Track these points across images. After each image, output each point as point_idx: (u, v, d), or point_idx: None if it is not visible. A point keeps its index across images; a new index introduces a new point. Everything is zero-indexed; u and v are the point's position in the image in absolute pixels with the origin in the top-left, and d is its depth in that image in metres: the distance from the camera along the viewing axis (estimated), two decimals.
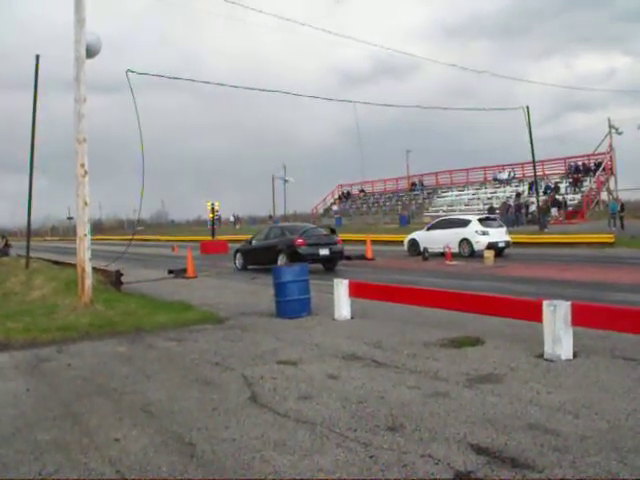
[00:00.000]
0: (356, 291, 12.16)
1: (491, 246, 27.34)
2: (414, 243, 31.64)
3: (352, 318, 12.15)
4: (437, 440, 5.53)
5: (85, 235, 14.35)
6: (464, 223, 29.90)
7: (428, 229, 31.98)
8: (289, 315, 12.53)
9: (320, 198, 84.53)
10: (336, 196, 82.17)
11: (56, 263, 25.28)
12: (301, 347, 9.91)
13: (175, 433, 6.11)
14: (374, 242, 33.27)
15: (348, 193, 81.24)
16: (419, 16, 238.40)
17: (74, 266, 18.09)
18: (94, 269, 15.43)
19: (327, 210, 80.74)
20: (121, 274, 18.58)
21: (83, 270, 14.25)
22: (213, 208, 51.14)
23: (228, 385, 7.81)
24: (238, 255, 27.28)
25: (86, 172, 14.29)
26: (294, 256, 22.66)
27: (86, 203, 14.36)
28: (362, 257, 29.67)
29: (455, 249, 28.54)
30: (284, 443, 5.64)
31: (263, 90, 28.16)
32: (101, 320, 12.76)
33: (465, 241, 28.85)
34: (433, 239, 30.02)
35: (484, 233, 28.51)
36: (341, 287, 12.13)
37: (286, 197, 78.27)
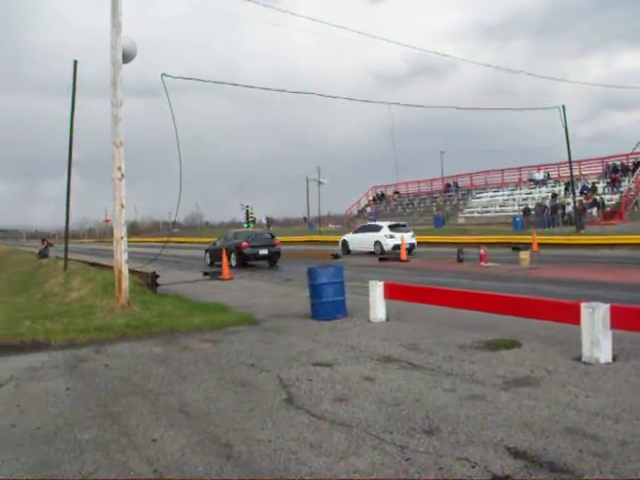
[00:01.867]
0: (391, 293, 12.13)
1: (396, 247, 33.29)
2: (344, 243, 38.71)
3: (387, 320, 12.12)
4: (474, 443, 5.49)
5: (122, 237, 14.53)
6: (377, 229, 36.45)
7: (354, 232, 39.48)
8: (324, 317, 12.53)
9: (354, 200, 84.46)
10: (370, 197, 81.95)
11: (93, 265, 25.60)
12: (336, 349, 9.91)
13: (211, 434, 6.15)
14: None
15: (382, 194, 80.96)
16: (455, 16, 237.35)
17: (111, 268, 18.31)
18: (130, 271, 15.59)
19: (361, 211, 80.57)
20: (157, 276, 18.75)
21: (120, 272, 14.42)
22: (248, 210, 51.42)
23: (264, 387, 7.85)
24: (207, 254, 33.19)
25: (123, 175, 14.47)
26: (240, 255, 29.64)
27: (123, 206, 14.54)
28: (397, 258, 29.63)
29: (371, 249, 35.35)
30: (320, 445, 5.65)
31: (296, 92, 28.22)
32: (138, 321, 12.89)
33: (378, 243, 35.15)
34: (358, 241, 37.23)
35: (391, 237, 34.74)
36: (376, 289, 12.11)
37: (320, 199, 78.14)
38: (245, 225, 53.27)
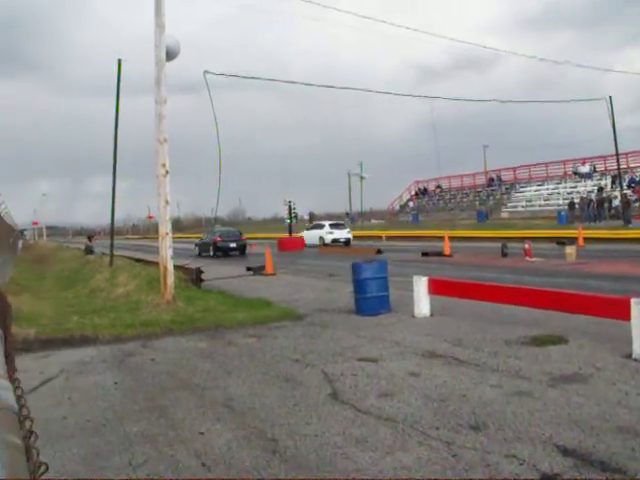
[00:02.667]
0: (435, 288, 12.06)
1: (335, 240, 44.24)
2: (305, 237, 47.20)
3: (431, 315, 12.05)
4: (521, 440, 5.44)
5: (167, 233, 14.70)
6: (321, 227, 47.37)
7: (308, 230, 49.67)
8: (368, 312, 12.51)
9: (396, 194, 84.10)
10: (412, 192, 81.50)
11: (138, 261, 25.90)
12: (381, 344, 9.90)
13: (257, 428, 6.20)
14: (452, 238, 32.90)
15: (425, 189, 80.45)
16: (497, 8, 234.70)
17: (155, 264, 18.54)
18: (175, 267, 15.76)
19: (403, 206, 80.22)
20: (201, 272, 18.91)
21: (165, 268, 14.59)
22: (290, 205, 51.56)
23: (309, 381, 7.88)
24: (196, 247, 41.27)
25: (167, 172, 14.63)
26: (216, 248, 38.45)
27: (167, 202, 14.71)
28: (439, 254, 29.43)
29: (317, 242, 44.43)
30: (366, 440, 5.66)
31: (338, 87, 28.16)
32: (182, 317, 13.04)
33: (321, 237, 45.06)
34: (310, 236, 46.62)
35: (330, 233, 45.22)
36: (420, 284, 12.05)
37: (362, 194, 77.97)
38: (287, 221, 53.43)
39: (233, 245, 38.73)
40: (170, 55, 15.06)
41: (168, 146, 14.77)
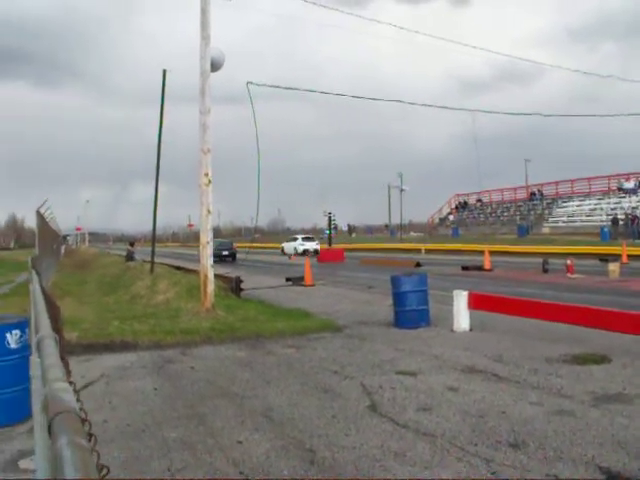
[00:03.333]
0: (475, 303, 11.97)
1: (306, 250, 52.83)
2: (282, 248, 59.78)
3: (471, 330, 11.96)
4: (562, 460, 5.35)
5: (208, 242, 14.83)
6: (295, 239, 59.27)
7: (287, 241, 60.97)
8: (407, 325, 12.46)
9: (436, 207, 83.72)
10: (452, 205, 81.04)
11: (178, 269, 26.13)
12: (420, 358, 9.85)
13: (295, 439, 6.20)
14: (492, 253, 32.59)
15: (465, 202, 79.93)
16: (541, 20, 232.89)
17: (195, 272, 18.67)
18: (215, 275, 15.85)
19: (443, 220, 79.81)
20: (241, 281, 19.00)
21: (206, 276, 14.71)
22: (330, 217, 51.67)
23: (347, 393, 7.86)
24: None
25: (210, 181, 14.76)
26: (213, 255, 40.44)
27: (209, 211, 14.84)
28: (479, 268, 29.20)
29: (292, 252, 54.76)
30: (404, 454, 5.62)
31: (376, 99, 28.03)
32: (222, 325, 13.10)
33: (295, 248, 55.82)
34: (288, 247, 57.98)
35: (302, 244, 56.08)
36: (460, 298, 11.96)
37: (402, 206, 77.83)
38: (327, 232, 53.86)
39: (226, 253, 45.87)
40: (215, 66, 15.24)
41: (211, 156, 14.90)
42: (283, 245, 60.68)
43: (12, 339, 6.97)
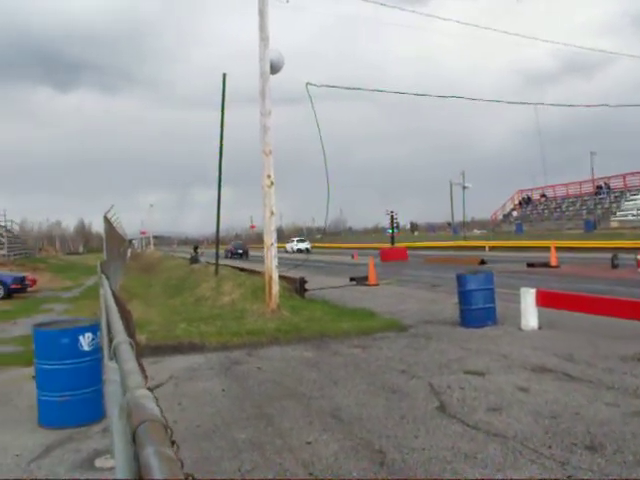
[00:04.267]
0: (543, 300, 11.72)
1: (299, 249, 71.02)
2: (287, 247, 75.47)
3: (539, 328, 11.71)
4: None
5: (272, 244, 14.92)
6: (292, 241, 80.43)
7: (288, 242, 79.49)
8: (474, 324, 12.30)
9: (499, 204, 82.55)
10: (516, 201, 79.79)
11: (242, 270, 26.35)
12: (488, 357, 9.70)
13: (364, 440, 6.17)
14: (558, 249, 31.91)
15: (528, 198, 78.63)
16: (608, 8, 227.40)
17: (259, 273, 18.78)
18: (279, 276, 15.91)
19: (507, 216, 78.67)
20: (305, 281, 19.04)
21: (270, 277, 14.79)
22: (392, 216, 51.54)
23: (415, 393, 7.79)
24: (224, 252, 54.08)
25: (272, 183, 14.85)
26: (229, 253, 61.86)
27: (272, 213, 14.93)
28: (546, 265, 28.64)
29: (290, 250, 72.79)
30: (475, 456, 5.53)
31: (437, 96, 27.73)
32: (287, 326, 13.15)
33: (291, 247, 75.82)
34: (290, 246, 76.89)
35: (297, 244, 76.56)
36: (528, 296, 11.74)
37: (465, 203, 76.97)
38: (389, 231, 53.57)
39: (240, 251, 59.38)
40: (274, 68, 15.31)
41: (273, 158, 14.99)
42: (286, 245, 77.73)
43: (85, 342, 7.14)
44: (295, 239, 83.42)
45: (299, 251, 69.66)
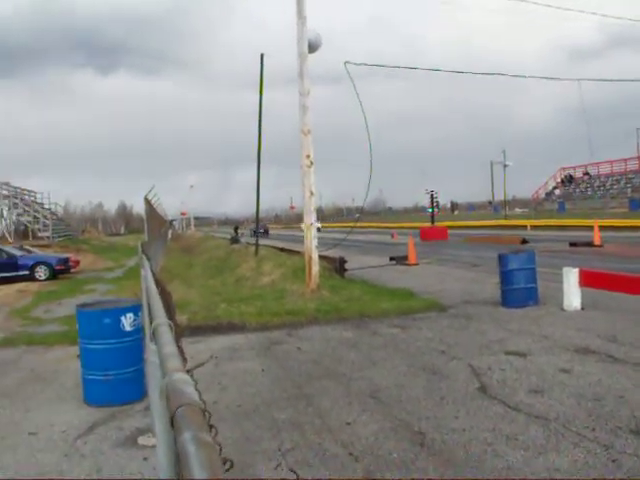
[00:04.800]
0: (587, 280, 11.53)
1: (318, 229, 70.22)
2: (301, 226, 67.35)
3: (582, 309, 11.53)
4: None
5: (312, 224, 14.92)
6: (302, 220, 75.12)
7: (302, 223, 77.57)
8: (515, 304, 12.15)
9: (541, 182, 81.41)
10: (558, 179, 78.55)
11: (282, 250, 26.40)
12: (529, 338, 9.58)
13: (404, 421, 6.16)
14: (601, 228, 31.34)
15: (571, 176, 77.31)
16: None
17: (299, 253, 18.82)
18: (319, 256, 15.92)
19: (549, 194, 77.57)
20: (345, 261, 19.01)
21: (310, 257, 14.81)
22: (432, 195, 51.17)
23: (455, 374, 7.75)
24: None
25: (312, 162, 14.82)
26: (253, 232, 54.12)
27: (312, 193, 14.92)
28: (589, 244, 28.18)
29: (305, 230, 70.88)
30: (516, 438, 5.49)
31: (477, 73, 27.35)
32: (327, 306, 13.16)
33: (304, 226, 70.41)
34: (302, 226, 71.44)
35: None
36: (571, 276, 11.55)
37: (505, 182, 75.99)
38: (429, 210, 53.11)
39: (261, 230, 54.95)
40: (312, 47, 15.24)
41: (312, 137, 14.96)
42: (301, 225, 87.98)
43: (127, 322, 7.24)
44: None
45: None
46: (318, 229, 62.09)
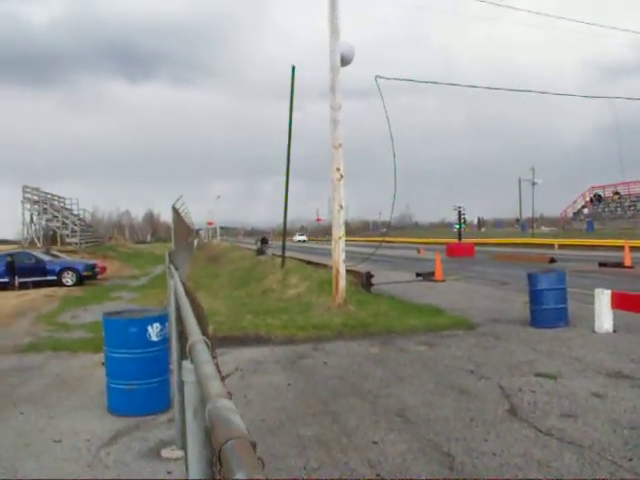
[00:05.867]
0: (619, 302, 11.29)
1: (299, 240, 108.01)
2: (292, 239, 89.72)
3: (615, 331, 11.28)
4: None
5: (340, 237, 14.82)
6: (292, 235, 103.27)
7: (294, 236, 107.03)
8: (544, 324, 11.95)
9: (570, 201, 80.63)
10: (587, 198, 77.74)
11: (309, 263, 26.33)
12: (559, 360, 9.39)
13: (432, 441, 6.03)
14: (632, 248, 30.89)
15: (600, 196, 76.47)
16: None
17: (325, 266, 18.71)
18: (346, 270, 15.81)
19: (577, 213, 76.80)
20: (372, 275, 18.89)
21: (337, 271, 14.71)
22: (460, 211, 50.91)
23: (484, 395, 7.60)
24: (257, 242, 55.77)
25: (342, 176, 14.75)
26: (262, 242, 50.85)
27: (341, 206, 14.84)
28: (619, 265, 27.78)
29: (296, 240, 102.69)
30: (549, 464, 5.33)
31: (506, 89, 27.12)
32: (354, 321, 13.04)
33: (297, 239, 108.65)
34: (295, 238, 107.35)
35: (298, 237, 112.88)
36: (603, 297, 11.33)
37: (534, 200, 75.38)
38: (457, 226, 52.83)
39: (266, 243, 58.09)
40: (344, 61, 15.19)
41: (342, 151, 14.89)
42: (293, 238, 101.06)
43: (153, 332, 7.20)
44: (298, 233, 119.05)
45: (299, 242, 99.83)
46: (304, 241, 69.50)
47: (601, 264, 28.25)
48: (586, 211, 74.88)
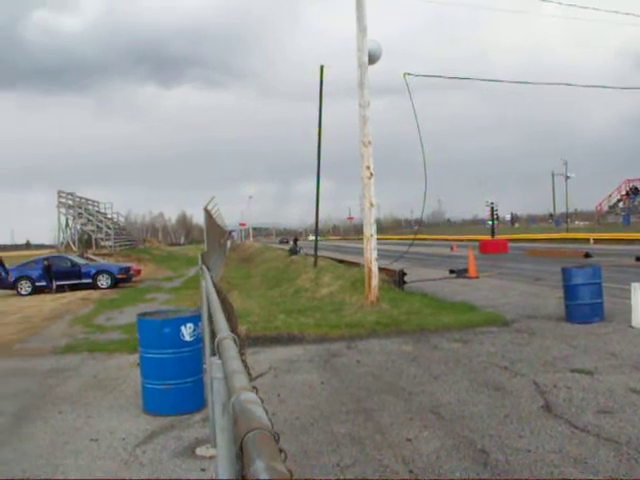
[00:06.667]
0: None
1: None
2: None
3: None
4: None
5: (372, 235, 14.79)
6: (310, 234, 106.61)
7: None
8: (579, 320, 11.81)
9: (604, 195, 79.61)
10: (623, 192, 76.68)
11: (341, 262, 26.32)
12: (595, 355, 9.28)
13: (466, 438, 6.00)
14: None
15: (636, 188, 75.36)
16: None
17: (357, 265, 18.67)
18: (378, 268, 15.77)
19: (612, 207, 75.81)
20: (404, 273, 18.82)
21: (370, 269, 14.68)
22: (492, 207, 50.54)
23: (519, 391, 7.53)
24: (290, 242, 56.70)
25: (372, 174, 14.72)
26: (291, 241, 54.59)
27: (372, 204, 14.81)
28: None
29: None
30: (585, 461, 5.26)
31: (536, 83, 26.87)
32: (387, 318, 13.00)
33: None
34: (311, 238, 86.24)
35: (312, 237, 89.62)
36: (639, 292, 11.17)
37: (567, 194, 74.55)
38: (489, 223, 52.44)
39: (291, 240, 56.98)
40: (372, 58, 15.18)
41: (372, 149, 14.86)
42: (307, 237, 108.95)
43: (186, 332, 7.26)
44: (311, 234, 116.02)
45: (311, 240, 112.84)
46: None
47: (638, 258, 27.83)
48: (622, 205, 73.89)
